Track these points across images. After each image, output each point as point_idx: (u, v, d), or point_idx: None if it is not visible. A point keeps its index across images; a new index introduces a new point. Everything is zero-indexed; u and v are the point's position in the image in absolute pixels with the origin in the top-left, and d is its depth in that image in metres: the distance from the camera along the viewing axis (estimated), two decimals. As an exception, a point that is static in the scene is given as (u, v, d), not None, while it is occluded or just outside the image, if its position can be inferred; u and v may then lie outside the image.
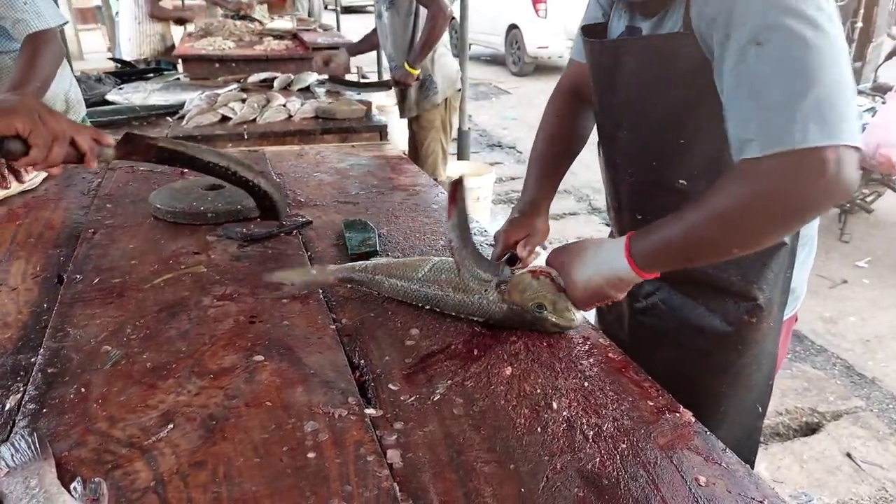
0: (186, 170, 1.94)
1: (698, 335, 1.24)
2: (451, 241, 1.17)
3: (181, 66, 4.62)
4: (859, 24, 5.72)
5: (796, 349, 3.39)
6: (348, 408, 0.93)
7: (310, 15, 7.65)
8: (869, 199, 4.63)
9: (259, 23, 6.24)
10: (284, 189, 1.85)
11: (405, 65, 3.56)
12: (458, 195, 1.16)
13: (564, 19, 9.94)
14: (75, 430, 0.87)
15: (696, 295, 1.25)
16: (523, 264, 1.28)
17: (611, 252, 1.05)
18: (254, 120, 3.07)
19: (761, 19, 0.89)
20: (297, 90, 3.68)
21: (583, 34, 1.27)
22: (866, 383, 3.13)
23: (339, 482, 0.79)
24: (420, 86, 3.58)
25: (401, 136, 5.62)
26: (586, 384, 1.02)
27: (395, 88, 3.68)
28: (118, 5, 5.67)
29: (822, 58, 0.87)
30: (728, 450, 0.90)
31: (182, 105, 3.19)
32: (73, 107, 2.31)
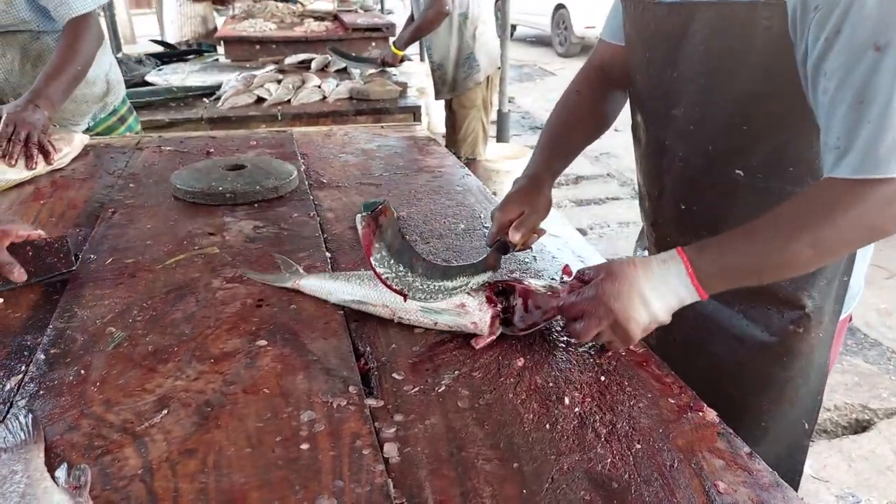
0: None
1: (736, 345, 1.15)
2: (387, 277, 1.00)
3: (222, 48, 4.65)
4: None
5: (847, 342, 3.24)
6: (348, 397, 0.89)
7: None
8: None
9: (300, 4, 6.24)
10: (307, 170, 1.82)
11: (392, 46, 3.55)
12: (374, 226, 0.98)
13: (613, -2, 9.70)
14: (70, 413, 0.85)
15: (732, 301, 1.14)
16: (518, 248, 1.18)
17: (672, 279, 0.92)
18: (288, 101, 3.07)
19: (885, 20, 0.80)
20: (334, 71, 3.67)
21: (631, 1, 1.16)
22: (922, 380, 2.97)
23: (331, 476, 0.76)
24: (462, 64, 3.53)
25: (440, 118, 5.58)
26: (603, 378, 0.96)
27: (433, 72, 3.64)
28: (165, -11, 5.75)
29: None
30: (754, 454, 0.83)
31: (219, 86, 3.21)
32: (113, 87, 2.33)
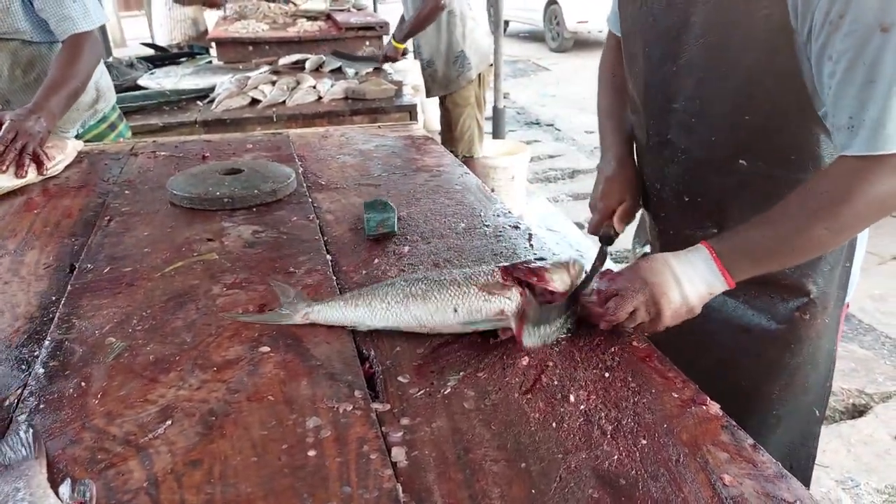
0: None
1: (743, 336, 1.15)
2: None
3: (215, 49, 4.63)
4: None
5: (844, 328, 3.25)
6: (353, 402, 0.88)
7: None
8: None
9: (293, 4, 6.22)
10: (305, 172, 1.81)
11: (392, 40, 3.54)
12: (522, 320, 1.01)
13: (604, -9, 9.69)
14: (72, 426, 0.84)
15: (736, 293, 1.13)
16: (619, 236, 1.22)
17: (701, 268, 0.97)
18: (283, 102, 3.06)
19: (889, 1, 0.83)
20: (329, 71, 3.65)
21: None
22: (919, 364, 2.98)
23: (339, 483, 0.75)
24: (453, 62, 3.52)
25: (435, 116, 5.57)
26: (607, 375, 0.95)
27: (423, 70, 3.63)
28: (153, -9, 5.71)
29: None
30: (759, 446, 0.83)
31: (212, 89, 3.19)
32: (103, 94, 2.32)
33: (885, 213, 0.93)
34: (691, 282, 0.97)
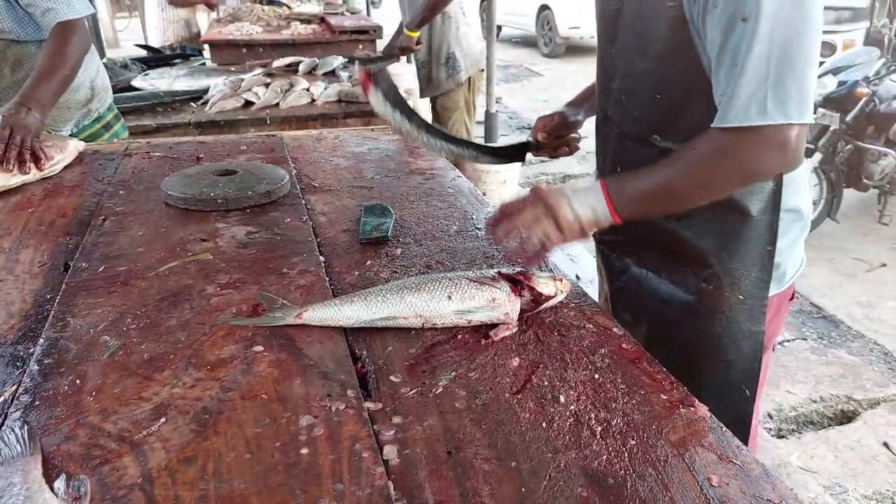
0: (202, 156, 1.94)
1: (667, 308, 1.28)
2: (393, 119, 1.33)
3: (208, 51, 4.63)
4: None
5: (832, 334, 3.29)
6: (346, 401, 0.89)
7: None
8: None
9: (287, 7, 6.23)
10: (299, 174, 1.82)
11: (405, 30, 3.53)
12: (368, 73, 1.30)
13: (597, -2, 9.74)
14: (66, 423, 0.85)
15: (658, 268, 1.31)
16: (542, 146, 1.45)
17: (590, 196, 1.10)
18: (277, 105, 3.06)
19: None
20: (322, 74, 3.66)
21: None
22: (906, 370, 3.02)
23: (331, 480, 0.76)
24: (444, 63, 3.54)
25: (426, 118, 5.58)
26: (597, 376, 0.97)
27: (418, 70, 3.64)
28: (147, -8, 5.71)
29: (800, 38, 0.96)
30: (744, 447, 0.85)
31: (206, 90, 3.19)
32: (98, 94, 2.32)
33: (744, 179, 1.08)
34: (582, 205, 1.10)
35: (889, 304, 3.54)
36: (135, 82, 3.33)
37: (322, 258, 1.32)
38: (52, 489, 0.72)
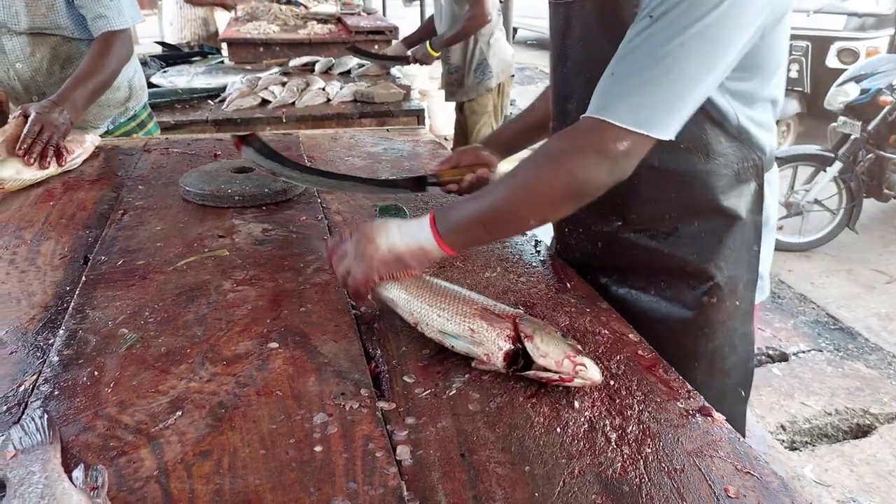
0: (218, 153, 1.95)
1: (659, 327, 1.18)
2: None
3: (226, 50, 4.67)
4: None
5: (849, 346, 3.25)
6: (360, 400, 0.90)
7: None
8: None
9: (304, 6, 6.26)
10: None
11: (427, 44, 3.55)
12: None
13: (615, 2, 9.71)
14: (85, 414, 0.86)
15: (644, 287, 1.23)
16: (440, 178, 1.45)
17: (415, 224, 1.04)
18: (293, 103, 3.08)
19: None
20: (338, 74, 3.68)
21: None
22: (924, 385, 2.98)
23: (345, 478, 0.76)
24: (476, 69, 3.55)
25: (445, 120, 5.59)
26: (612, 382, 0.96)
27: (448, 74, 3.65)
28: (166, -9, 5.76)
29: (693, 46, 0.90)
30: (762, 458, 0.84)
31: (224, 88, 3.21)
32: (135, 93, 2.36)
33: (570, 183, 0.97)
34: (403, 237, 1.02)
35: (907, 316, 3.50)
36: (153, 79, 3.35)
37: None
38: (70, 478, 0.72)
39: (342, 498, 0.73)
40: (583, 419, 0.89)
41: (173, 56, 4.06)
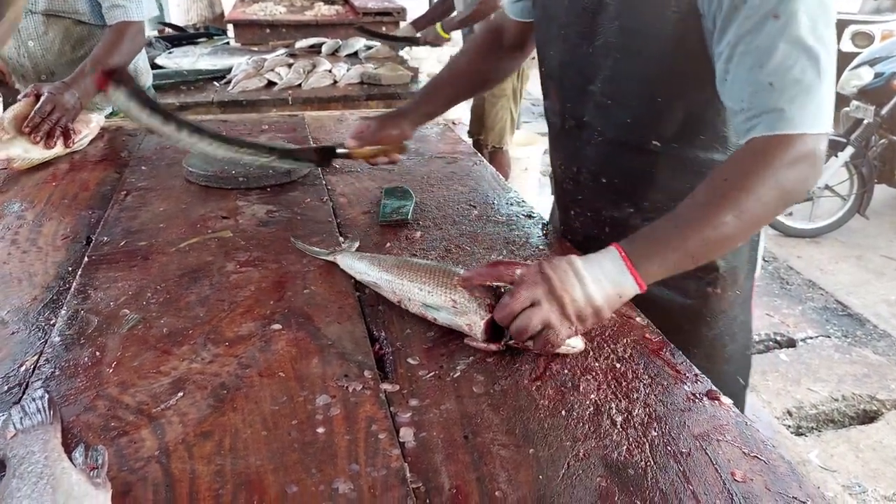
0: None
1: (662, 314, 1.12)
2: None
3: (231, 31, 4.63)
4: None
5: (857, 333, 3.23)
6: (363, 382, 0.89)
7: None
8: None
9: (311, -13, 6.20)
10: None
11: (438, 26, 3.50)
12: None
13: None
14: (86, 394, 0.85)
15: None
16: (351, 154, 1.41)
17: (607, 264, 0.90)
18: (299, 85, 3.05)
19: None
20: (345, 56, 3.64)
21: None
22: (932, 372, 2.96)
23: (347, 460, 0.76)
24: None
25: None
26: (618, 365, 0.95)
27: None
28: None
29: (825, 38, 0.89)
30: (770, 442, 0.82)
31: (229, 70, 3.19)
32: (140, 75, 2.37)
33: (789, 198, 0.92)
34: (597, 281, 0.89)
35: (917, 303, 3.47)
36: (158, 60, 3.33)
37: (341, 238, 1.31)
38: (70, 458, 0.72)
39: (344, 479, 0.73)
40: (588, 402, 0.87)
41: (178, 37, 4.03)
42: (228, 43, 4.14)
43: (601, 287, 0.89)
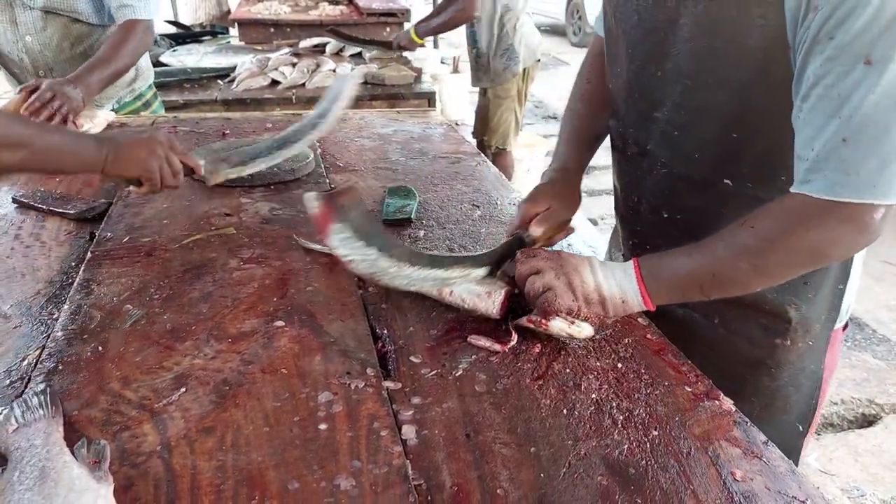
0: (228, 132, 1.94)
1: (717, 358, 1.06)
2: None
3: (237, 30, 4.64)
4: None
5: (857, 337, 3.23)
6: (366, 379, 0.89)
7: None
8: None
9: (315, -12, 6.20)
10: (323, 153, 1.82)
11: (411, 31, 3.52)
12: (332, 206, 0.97)
13: (628, -13, 9.60)
14: (88, 388, 0.85)
15: (709, 313, 1.10)
16: (536, 242, 1.14)
17: (619, 271, 0.94)
18: (303, 85, 3.06)
19: (883, 33, 0.74)
20: (349, 56, 3.65)
21: None
22: (932, 377, 2.96)
23: (349, 457, 0.76)
24: (502, 55, 3.51)
25: (455, 104, 5.55)
26: (620, 365, 0.95)
27: (475, 59, 3.61)
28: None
29: None
30: (770, 443, 0.83)
31: (233, 68, 3.19)
32: (142, 73, 2.36)
33: (816, 260, 0.88)
34: (607, 279, 0.94)
35: (917, 308, 3.47)
36: (163, 58, 3.34)
37: (345, 237, 1.31)
38: (72, 452, 0.72)
39: (346, 476, 0.73)
40: (589, 401, 0.88)
41: (183, 35, 4.04)
42: (229, 42, 4.14)
43: (609, 285, 0.94)
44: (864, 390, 2.84)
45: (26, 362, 0.91)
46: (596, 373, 0.93)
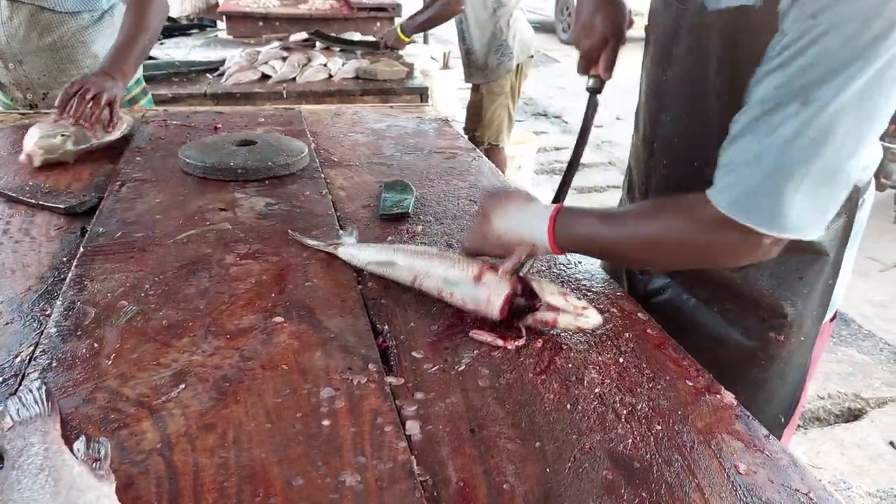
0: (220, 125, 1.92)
1: (714, 346, 1.10)
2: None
3: (224, 23, 4.59)
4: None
5: (842, 332, 3.26)
6: (367, 375, 0.88)
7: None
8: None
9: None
10: (317, 148, 1.80)
11: (398, 29, 3.50)
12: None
13: (617, -16, 9.62)
14: (84, 386, 0.84)
15: (710, 301, 1.12)
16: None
17: (536, 219, 0.98)
18: (294, 79, 3.04)
19: (821, 77, 0.75)
20: (340, 50, 3.63)
21: None
22: (917, 371, 3.00)
23: (353, 452, 0.75)
24: (495, 51, 3.50)
25: (445, 100, 5.54)
26: (622, 360, 0.95)
27: (467, 55, 3.59)
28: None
29: (858, 126, 0.76)
30: (771, 436, 0.83)
31: (222, 62, 3.17)
32: None
33: (704, 264, 0.98)
34: (518, 220, 1.00)
35: (902, 304, 3.51)
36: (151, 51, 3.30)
37: (342, 231, 1.30)
38: (71, 450, 0.71)
39: (351, 471, 0.72)
40: (592, 396, 0.87)
41: (171, 28, 4.00)
42: (217, 35, 4.10)
43: (518, 228, 1.00)
44: (850, 385, 2.87)
45: (19, 359, 0.89)
46: (598, 367, 0.93)
